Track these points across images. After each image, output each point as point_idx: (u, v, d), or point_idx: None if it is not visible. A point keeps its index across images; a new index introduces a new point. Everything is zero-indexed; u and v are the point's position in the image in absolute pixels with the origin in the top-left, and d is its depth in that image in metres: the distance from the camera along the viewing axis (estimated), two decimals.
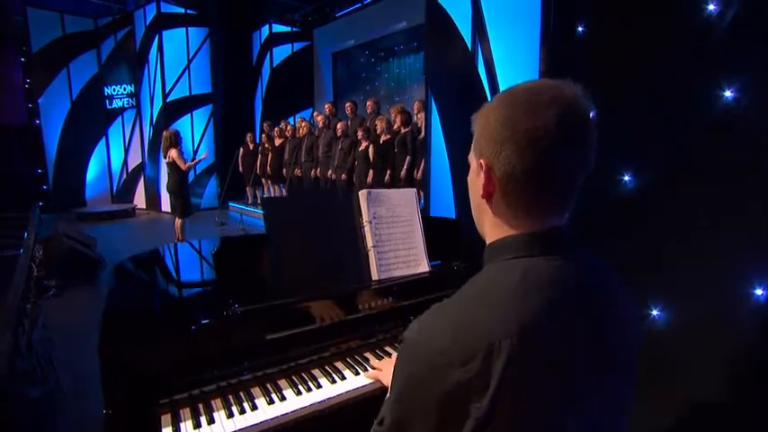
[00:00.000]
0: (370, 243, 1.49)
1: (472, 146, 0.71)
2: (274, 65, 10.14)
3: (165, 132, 5.59)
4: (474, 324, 0.58)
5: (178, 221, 5.72)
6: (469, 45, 2.70)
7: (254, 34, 10.31)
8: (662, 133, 1.41)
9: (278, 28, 10.12)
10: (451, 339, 0.57)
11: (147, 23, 8.87)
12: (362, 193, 1.51)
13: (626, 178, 1.42)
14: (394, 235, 1.56)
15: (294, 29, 10.36)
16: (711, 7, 1.18)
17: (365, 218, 1.50)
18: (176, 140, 5.52)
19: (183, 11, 9.00)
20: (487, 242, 0.72)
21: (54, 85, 9.03)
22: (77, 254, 4.69)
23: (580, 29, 1.84)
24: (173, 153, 5.45)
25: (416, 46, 8.46)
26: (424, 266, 1.59)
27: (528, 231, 0.66)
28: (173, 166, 5.50)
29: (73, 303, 3.95)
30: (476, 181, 0.70)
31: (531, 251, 0.64)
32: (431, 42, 3.17)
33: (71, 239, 5.32)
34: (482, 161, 0.66)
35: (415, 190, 1.67)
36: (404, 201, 1.61)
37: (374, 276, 1.48)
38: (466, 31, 2.73)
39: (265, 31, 10.07)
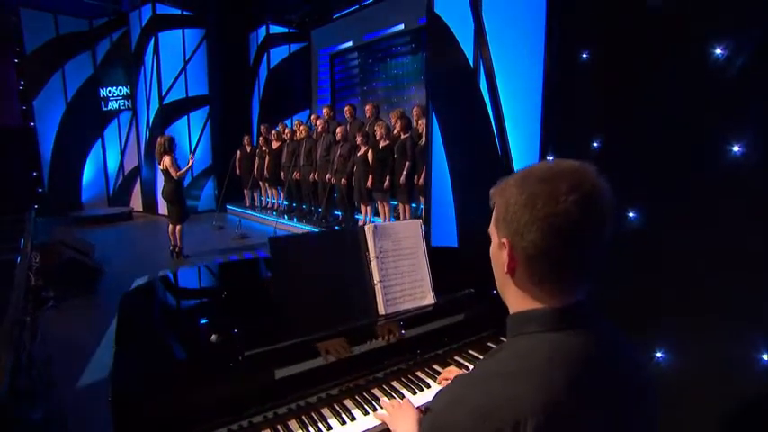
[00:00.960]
0: (376, 278, 1.49)
1: (493, 220, 0.74)
2: (271, 66, 10.09)
3: (159, 139, 5.57)
4: (501, 404, 0.60)
5: (177, 228, 5.71)
6: (471, 60, 2.69)
7: (250, 35, 10.24)
8: (666, 175, 1.42)
9: (275, 29, 10.06)
10: (480, 420, 0.59)
11: (143, 25, 8.79)
12: (369, 228, 1.51)
13: (630, 215, 1.43)
14: (400, 268, 1.56)
15: (291, 30, 10.30)
16: (718, 51, 1.18)
17: (372, 253, 1.50)
18: (170, 147, 5.49)
19: (179, 12, 8.92)
20: (511, 311, 0.74)
21: (49, 86, 8.94)
22: (75, 262, 4.67)
23: (584, 55, 1.84)
24: (166, 160, 5.43)
25: (414, 48, 8.44)
26: (429, 299, 1.60)
27: (553, 306, 0.68)
28: (167, 173, 5.48)
29: (72, 315, 3.94)
30: (498, 255, 0.72)
31: (556, 326, 0.67)
32: (432, 55, 3.16)
33: (68, 247, 5.29)
34: (504, 241, 0.69)
35: (420, 221, 1.67)
36: (409, 233, 1.62)
37: (381, 311, 1.49)
38: (467, 46, 2.72)
39: (262, 32, 10.01)
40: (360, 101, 9.71)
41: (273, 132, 8.41)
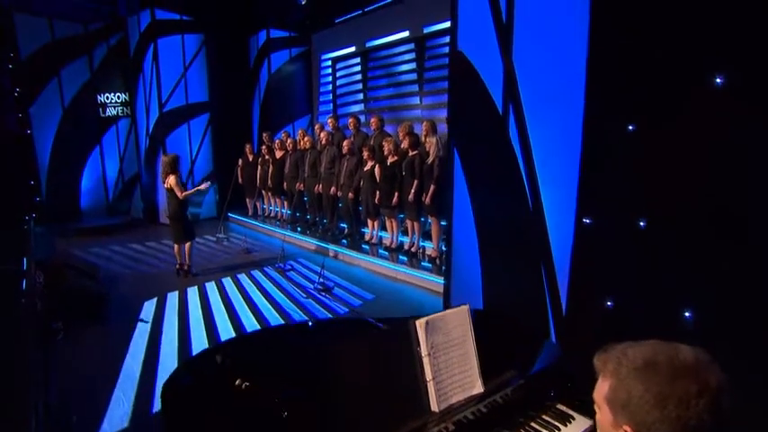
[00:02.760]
0: (429, 375, 1.46)
1: (604, 395, 0.76)
2: (272, 71, 9.93)
3: (164, 157, 5.46)
4: None
5: (186, 246, 5.61)
6: (500, 105, 2.63)
7: (250, 40, 10.05)
8: (717, 276, 1.37)
9: (275, 33, 9.88)
10: None
11: (142, 30, 8.59)
12: (420, 324, 1.47)
13: (686, 314, 1.40)
14: (450, 360, 1.53)
15: (292, 34, 10.12)
16: None
17: (424, 350, 1.46)
18: (175, 166, 5.40)
19: (178, 17, 8.71)
20: None
21: (45, 93, 8.74)
22: (82, 290, 4.58)
23: (630, 127, 1.79)
24: (171, 180, 5.33)
25: (418, 55, 8.33)
26: (478, 387, 1.57)
27: None
28: (172, 192, 5.39)
29: (83, 349, 3.85)
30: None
31: None
32: (455, 92, 3.08)
33: (73, 269, 5.21)
34: (627, 429, 0.72)
35: (468, 307, 1.62)
36: (458, 321, 1.58)
37: (433, 408, 1.45)
38: (495, 88, 2.65)
39: (262, 36, 9.83)
40: (362, 107, 9.61)
41: (277, 141, 8.29)
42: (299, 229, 7.91)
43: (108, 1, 9.13)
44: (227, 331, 4.06)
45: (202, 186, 5.65)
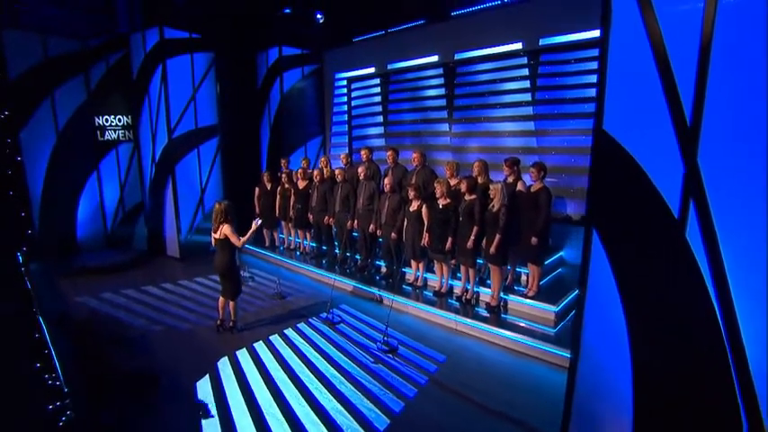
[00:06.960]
0: None
1: None
2: (284, 91, 9.43)
3: (217, 205, 4.95)
4: None
5: (231, 304, 5.14)
6: (674, 207, 2.39)
7: (260, 57, 9.50)
8: None
9: (288, 51, 9.38)
10: None
11: (147, 50, 7.92)
12: None
13: None
14: None
15: (305, 51, 9.64)
16: None
17: None
18: (231, 214, 4.93)
19: (186, 35, 8.09)
20: None
21: (37, 115, 7.91)
22: (129, 376, 4.06)
23: None
24: (225, 229, 4.86)
25: (448, 80, 8.06)
26: None
27: None
28: (224, 243, 4.91)
29: None
30: None
31: None
32: (598, 173, 2.79)
33: (102, 336, 4.66)
34: None
35: None
36: None
37: None
38: (669, 191, 2.39)
39: (273, 54, 9.31)
40: (382, 130, 9.27)
41: (300, 171, 7.82)
42: (323, 263, 7.52)
43: (106, 17, 8.40)
44: (308, 418, 3.66)
45: (254, 226, 5.17)
